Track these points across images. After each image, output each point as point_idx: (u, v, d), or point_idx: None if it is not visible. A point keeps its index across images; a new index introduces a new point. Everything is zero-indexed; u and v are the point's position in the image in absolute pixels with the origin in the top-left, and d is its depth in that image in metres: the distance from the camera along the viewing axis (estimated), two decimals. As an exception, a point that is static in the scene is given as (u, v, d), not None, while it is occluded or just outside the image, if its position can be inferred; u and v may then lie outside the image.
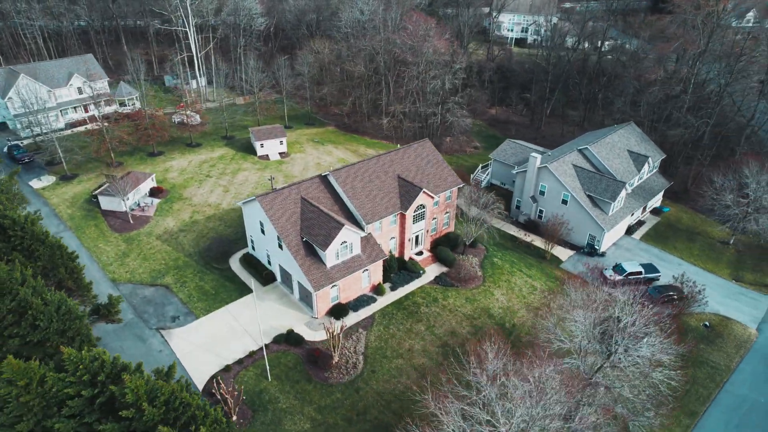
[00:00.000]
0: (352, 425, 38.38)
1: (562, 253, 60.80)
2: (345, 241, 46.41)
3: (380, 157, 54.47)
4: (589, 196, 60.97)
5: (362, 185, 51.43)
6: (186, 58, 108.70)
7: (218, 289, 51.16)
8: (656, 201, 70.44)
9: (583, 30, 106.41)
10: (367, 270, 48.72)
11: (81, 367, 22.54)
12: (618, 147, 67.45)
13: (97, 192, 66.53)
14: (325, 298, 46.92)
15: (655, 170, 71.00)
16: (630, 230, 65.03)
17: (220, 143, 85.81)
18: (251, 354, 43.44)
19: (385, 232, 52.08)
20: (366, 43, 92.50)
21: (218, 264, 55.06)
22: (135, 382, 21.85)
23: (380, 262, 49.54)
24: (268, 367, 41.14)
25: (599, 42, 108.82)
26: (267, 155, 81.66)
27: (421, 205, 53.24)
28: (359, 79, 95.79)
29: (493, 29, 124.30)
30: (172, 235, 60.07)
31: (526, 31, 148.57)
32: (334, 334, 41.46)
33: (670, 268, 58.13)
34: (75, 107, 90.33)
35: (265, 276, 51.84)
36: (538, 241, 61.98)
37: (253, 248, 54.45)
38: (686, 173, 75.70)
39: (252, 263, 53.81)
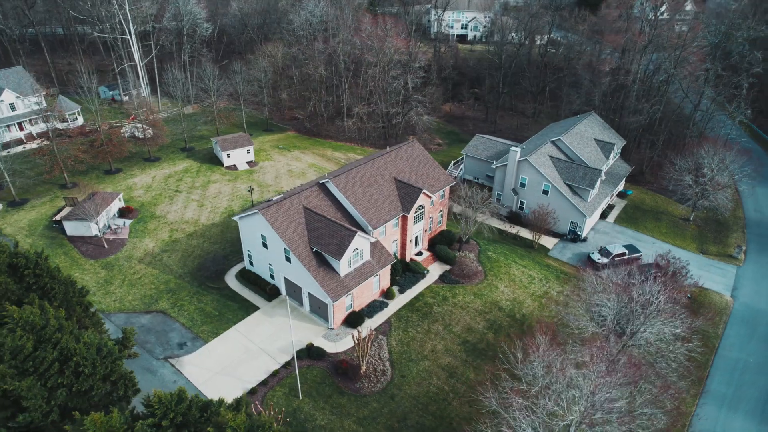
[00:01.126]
0: (395, 431, 38.14)
1: (548, 241, 63.34)
2: (357, 248, 45.81)
3: (374, 161, 54.14)
4: (568, 185, 63.89)
5: (362, 190, 50.92)
6: (127, 68, 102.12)
7: (221, 309, 48.81)
8: (621, 185, 75.02)
9: (527, 25, 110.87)
10: (377, 275, 48.36)
11: (169, 409, 20.71)
12: (585, 136, 71.14)
13: (59, 217, 61.33)
14: (341, 308, 46.11)
15: (617, 156, 75.56)
16: (604, 215, 68.88)
17: (181, 156, 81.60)
18: (275, 373, 41.90)
19: (389, 236, 51.91)
20: (324, 45, 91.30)
21: (214, 283, 52.51)
22: (237, 420, 20.41)
23: (389, 267, 49.32)
24: (299, 385, 39.85)
25: (542, 37, 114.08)
26: (234, 165, 78.66)
27: (420, 205, 53.52)
28: (318, 82, 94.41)
29: (439, 27, 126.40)
30: (155, 257, 56.52)
31: (466, 28, 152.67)
32: (363, 342, 40.84)
33: (646, 247, 62.22)
34: (8, 125, 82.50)
35: (269, 291, 50.08)
36: (523, 232, 64.21)
37: (251, 263, 52.39)
38: (641, 157, 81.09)
39: (251, 279, 51.78)
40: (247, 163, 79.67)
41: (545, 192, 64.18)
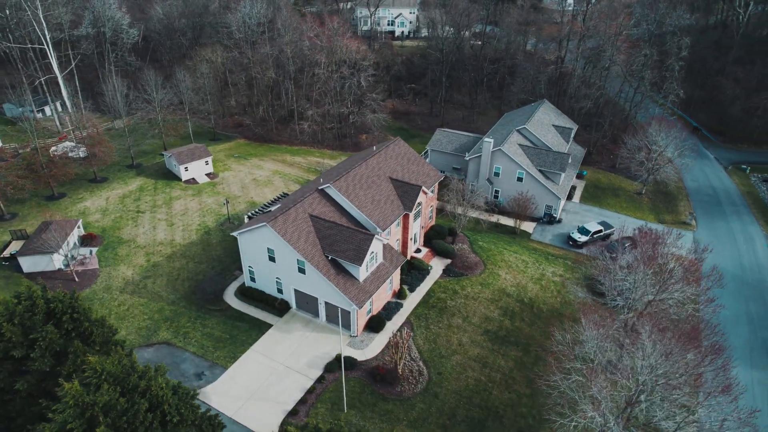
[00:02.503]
0: (449, 431, 38.15)
1: (527, 226, 66.08)
2: (373, 251, 45.09)
3: (367, 162, 53.43)
4: (540, 170, 66.99)
5: (363, 192, 50.13)
6: (43, 82, 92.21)
7: (231, 332, 45.96)
8: (578, 167, 79.88)
9: (457, 20, 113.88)
10: (391, 277, 47.94)
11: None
12: (545, 123, 74.91)
13: (8, 253, 54.53)
14: (363, 314, 45.22)
15: (572, 140, 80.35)
16: (569, 196, 73.05)
17: (130, 174, 75.44)
18: (311, 390, 40.27)
19: (393, 235, 51.58)
20: (271, 48, 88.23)
21: (214, 305, 49.28)
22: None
23: (399, 267, 49.05)
24: (345, 398, 38.60)
25: (471, 30, 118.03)
26: (194, 179, 74.05)
27: (419, 202, 53.67)
28: (267, 86, 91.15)
29: (372, 24, 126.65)
30: (138, 285, 51.96)
31: (393, 24, 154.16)
32: (402, 344, 40.38)
33: (613, 222, 66.88)
34: None
35: (278, 306, 47.93)
36: (503, 219, 66.49)
37: (253, 280, 49.76)
38: (589, 140, 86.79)
39: (255, 296, 49.22)
40: (207, 175, 75.33)
41: (519, 179, 66.83)
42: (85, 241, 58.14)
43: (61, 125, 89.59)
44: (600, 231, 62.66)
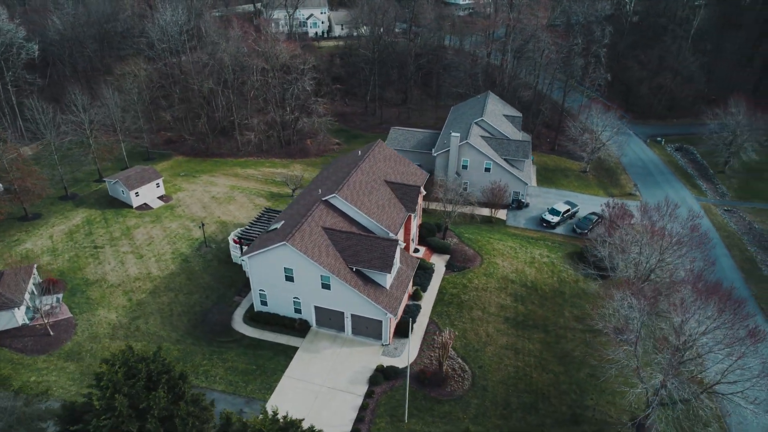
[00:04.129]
0: (510, 420, 39.14)
1: (499, 214, 68.96)
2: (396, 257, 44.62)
3: (361, 167, 52.48)
4: (505, 159, 70.14)
5: (368, 198, 49.30)
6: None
7: (256, 361, 43.09)
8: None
9: (374, 18, 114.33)
10: (410, 280, 47.79)
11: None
12: (497, 114, 78.40)
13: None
14: (393, 321, 44.63)
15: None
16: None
17: (67, 206, 67.23)
18: (364, 407, 39.13)
19: (399, 238, 51.29)
20: (206, 56, 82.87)
21: (225, 336, 45.81)
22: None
23: (415, 269, 49.02)
24: (407, 410, 37.98)
25: (395, 28, 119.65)
26: (146, 204, 67.75)
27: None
28: (203, 98, 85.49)
29: (292, 26, 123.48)
30: (130, 328, 46.79)
31: (305, 25, 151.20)
32: (447, 344, 40.55)
33: (573, 200, 71.97)
34: None
35: (298, 327, 45.77)
36: (477, 210, 68.73)
37: (264, 303, 46.93)
38: (524, 127, 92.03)
39: (269, 320, 46.52)
40: (160, 198, 69.27)
41: (487, 170, 69.48)
42: (45, 288, 50.85)
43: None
44: (569, 210, 67.18)
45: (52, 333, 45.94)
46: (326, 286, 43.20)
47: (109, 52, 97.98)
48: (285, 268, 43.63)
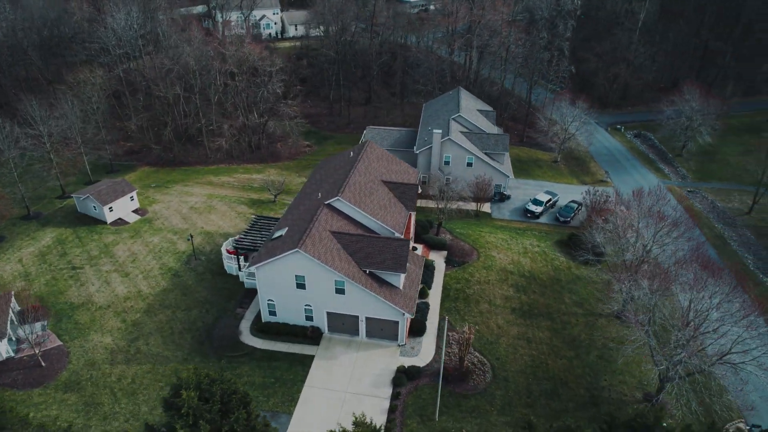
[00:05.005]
0: (535, 407, 39.92)
1: (484, 207, 70.11)
2: (405, 257, 44.46)
3: (357, 168, 51.81)
4: (486, 153, 71.34)
5: (369, 200, 48.80)
6: None
7: (273, 374, 41.81)
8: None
9: (329, 18, 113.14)
10: (420, 278, 47.75)
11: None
12: (471, 109, 79.57)
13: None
14: (408, 320, 44.47)
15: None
16: (505, 173, 78.93)
17: (32, 226, 62.69)
18: (392, 409, 38.82)
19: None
20: (170, 62, 79.27)
21: (235, 351, 44.13)
22: None
23: (422, 267, 49.04)
24: (437, 408, 37.95)
25: (354, 28, 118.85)
26: (121, 219, 64.12)
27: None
28: (169, 105, 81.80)
29: (248, 27, 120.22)
30: (129, 351, 44.21)
31: (258, 27, 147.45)
32: (468, 339, 40.82)
33: (551, 190, 74.22)
34: None
35: (311, 334, 44.76)
36: (461, 205, 69.56)
37: (273, 313, 45.54)
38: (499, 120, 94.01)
39: (279, 330, 45.21)
40: (134, 212, 65.75)
41: (469, 164, 70.45)
42: (27, 316, 47.13)
43: None
44: (550, 200, 69.21)
45: (43, 363, 42.68)
46: (340, 291, 42.46)
47: (56, 59, 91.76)
48: (296, 275, 42.51)
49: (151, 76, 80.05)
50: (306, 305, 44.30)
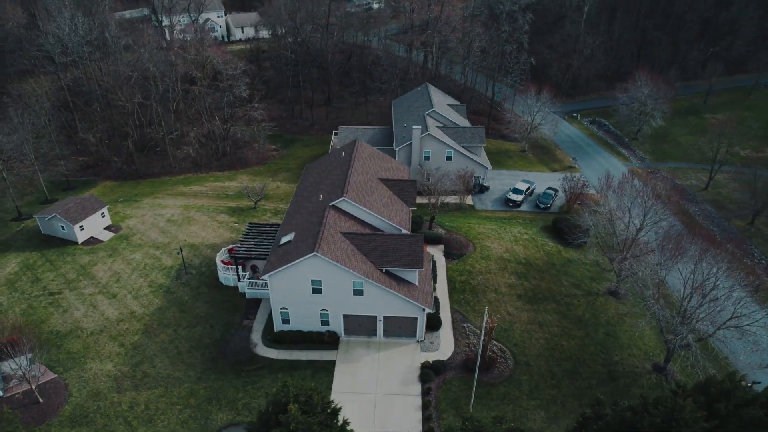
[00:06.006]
0: (561, 388, 40.98)
1: (467, 199, 71.17)
2: (418, 252, 44.35)
3: (354, 167, 51.10)
4: (464, 146, 72.38)
5: (372, 198, 48.28)
6: None
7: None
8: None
9: (293, 18, 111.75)
10: (431, 273, 47.75)
11: None
12: (442, 104, 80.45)
13: None
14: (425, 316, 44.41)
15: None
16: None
17: (-8, 252, 57.33)
18: (426, 404, 38.63)
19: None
20: (125, 67, 74.77)
21: (252, 364, 42.37)
22: None
23: (430, 262, 49.08)
24: (472, 399, 38.11)
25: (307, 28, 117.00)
26: (93, 237, 59.96)
27: (412, 197, 53.71)
28: (129, 114, 77.11)
29: (199, 31, 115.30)
30: (136, 376, 41.44)
31: (202, 30, 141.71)
32: (491, 329, 41.27)
33: (522, 178, 76.38)
34: None
35: (327, 339, 43.73)
36: (446, 198, 70.30)
37: (286, 321, 44.09)
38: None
39: (293, 339, 43.88)
40: (107, 229, 61.66)
41: (449, 158, 71.22)
42: (7, 350, 43.03)
43: None
44: (529, 188, 71.25)
45: (41, 399, 39.16)
46: (358, 292, 41.74)
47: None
48: (312, 280, 41.36)
49: (109, 84, 75.12)
50: (322, 310, 43.21)
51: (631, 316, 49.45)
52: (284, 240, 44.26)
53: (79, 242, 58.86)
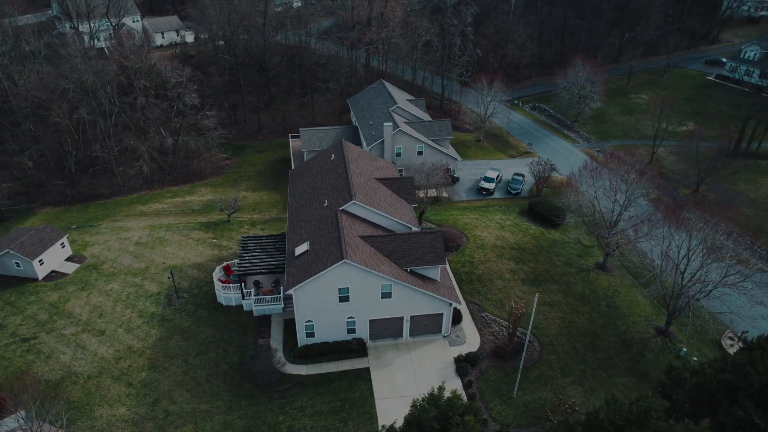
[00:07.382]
0: (588, 362, 42.81)
1: (443, 192, 71.99)
2: (435, 248, 44.28)
3: (352, 169, 49.87)
4: (433, 140, 73.10)
5: (377, 198, 47.42)
6: None
7: (337, 396, 39.06)
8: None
9: (228, 20, 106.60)
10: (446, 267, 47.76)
11: None
12: (402, 99, 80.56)
13: None
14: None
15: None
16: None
17: (-65, 302, 49.69)
18: (472, 397, 38.80)
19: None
20: (64, 81, 67.41)
21: (283, 384, 40.19)
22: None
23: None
24: (517, 384, 38.76)
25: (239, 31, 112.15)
26: (55, 271, 53.86)
27: (408, 194, 53.38)
28: (67, 131, 69.66)
29: (116, 37, 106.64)
30: (158, 416, 37.97)
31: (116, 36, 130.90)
32: (519, 316, 42.19)
33: (485, 165, 78.69)
34: None
35: (355, 347, 42.54)
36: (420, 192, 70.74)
37: (311, 335, 42.25)
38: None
39: (320, 351, 42.24)
40: (69, 260, 55.63)
41: (420, 153, 71.65)
42: (-4, 409, 37.73)
43: None
44: (498, 176, 73.45)
45: (51, 460, 34.65)
46: (386, 294, 40.97)
47: None
48: (339, 288, 39.95)
49: (40, 99, 67.33)
50: (348, 318, 41.90)
51: (624, 286, 52.81)
52: (299, 251, 42.28)
53: (40, 278, 52.57)
